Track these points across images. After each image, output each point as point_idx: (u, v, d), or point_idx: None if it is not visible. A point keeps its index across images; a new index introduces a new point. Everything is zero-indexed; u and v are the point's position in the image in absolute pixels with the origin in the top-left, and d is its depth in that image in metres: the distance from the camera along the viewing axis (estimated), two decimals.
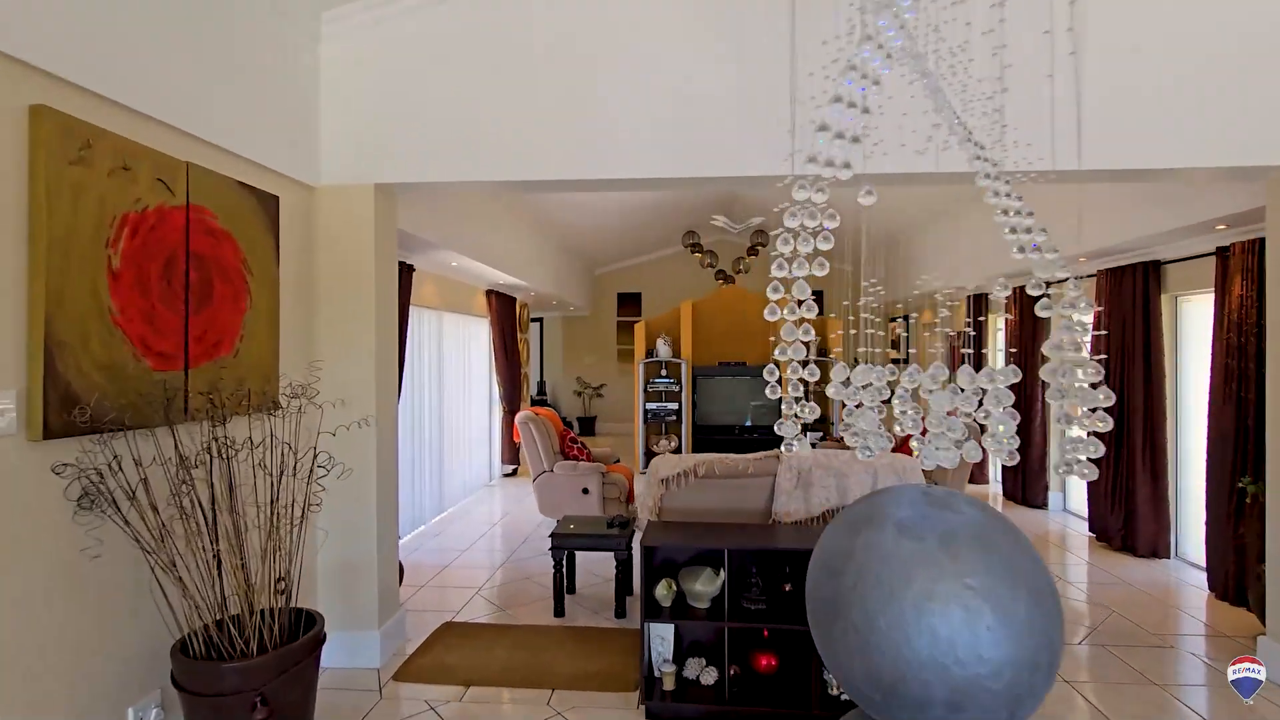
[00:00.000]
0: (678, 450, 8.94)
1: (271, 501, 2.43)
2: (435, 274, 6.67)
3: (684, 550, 3.39)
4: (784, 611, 3.11)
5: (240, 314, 2.85)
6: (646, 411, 8.95)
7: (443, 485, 6.74)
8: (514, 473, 8.80)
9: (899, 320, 11.99)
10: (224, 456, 2.35)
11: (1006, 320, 7.60)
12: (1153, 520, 5.41)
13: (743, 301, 9.51)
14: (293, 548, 2.46)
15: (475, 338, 7.80)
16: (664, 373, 9.10)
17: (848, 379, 1.80)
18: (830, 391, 1.83)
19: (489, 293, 8.04)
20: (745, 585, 3.21)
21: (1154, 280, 5.43)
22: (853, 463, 3.69)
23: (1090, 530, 6.04)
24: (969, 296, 8.65)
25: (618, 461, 7.02)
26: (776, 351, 1.81)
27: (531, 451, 6.21)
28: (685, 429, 8.84)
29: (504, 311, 8.27)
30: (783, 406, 1.90)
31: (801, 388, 1.92)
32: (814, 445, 8.12)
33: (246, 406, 2.66)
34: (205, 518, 2.29)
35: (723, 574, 3.14)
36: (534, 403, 12.38)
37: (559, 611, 4.16)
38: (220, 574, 2.31)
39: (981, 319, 8.45)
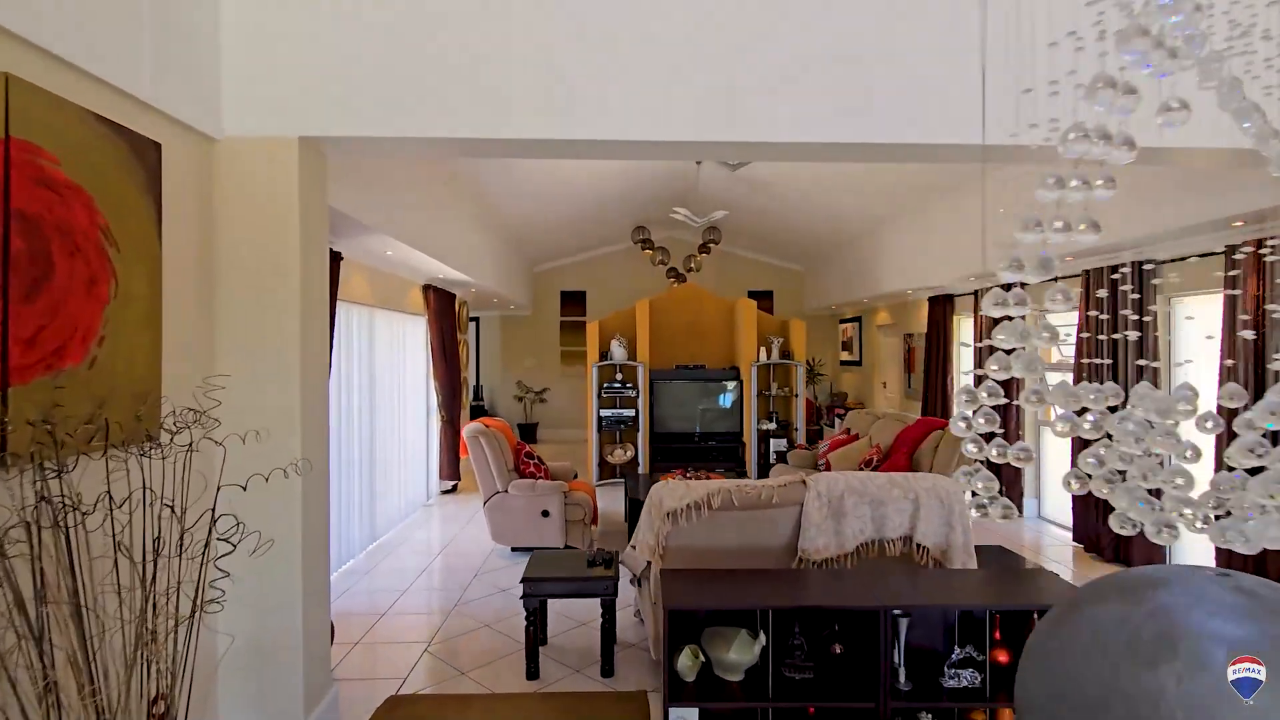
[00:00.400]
0: (634, 460, 8.28)
1: (143, 585, 1.60)
2: (367, 265, 5.75)
3: (710, 606, 2.73)
4: (836, 681, 2.49)
5: (99, 305, 1.98)
6: (601, 418, 8.24)
7: (374, 510, 5.83)
8: (454, 489, 7.90)
9: (850, 323, 11.76)
10: (62, 523, 1.51)
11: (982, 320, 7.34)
12: None
13: (700, 300, 8.95)
14: (176, 655, 1.65)
15: (411, 338, 6.89)
16: (619, 377, 8.41)
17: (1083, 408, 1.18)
18: (1059, 427, 1.20)
19: (427, 288, 7.14)
20: (786, 648, 2.58)
21: (1149, 281, 5.18)
22: (889, 487, 3.13)
23: (1076, 540, 5.78)
24: (937, 297, 8.39)
25: (576, 477, 6.29)
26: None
27: (482, 470, 5.40)
28: (642, 437, 8.19)
29: (443, 309, 7.38)
30: (968, 448, 1.27)
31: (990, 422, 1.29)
32: (781, 457, 7.62)
33: (104, 443, 1.80)
34: (29, 623, 1.45)
35: (761, 638, 2.50)
36: (473, 410, 11.42)
37: (532, 672, 3.42)
38: (59, 708, 1.47)
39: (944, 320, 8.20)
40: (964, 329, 8.11)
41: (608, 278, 12.34)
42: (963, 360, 8.12)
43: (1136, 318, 5.19)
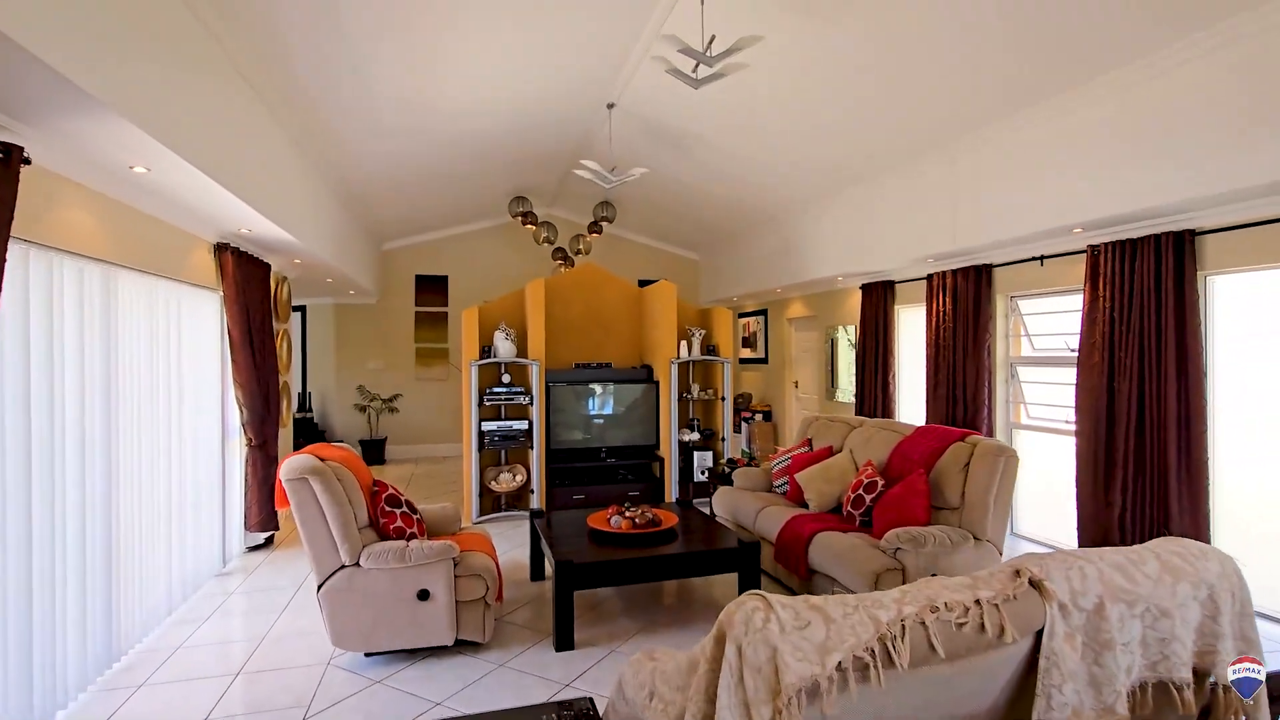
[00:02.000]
0: (527, 485, 6.38)
1: None
2: (99, 191, 3.41)
3: None
4: None
5: None
6: (484, 434, 6.25)
7: (118, 600, 3.49)
8: (268, 543, 5.54)
9: (753, 317, 10.63)
10: None
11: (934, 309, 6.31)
12: None
13: (602, 284, 7.24)
14: None
15: (193, 322, 4.52)
16: (506, 379, 6.48)
17: None
18: None
19: (224, 249, 4.78)
20: None
21: (1188, 255, 4.27)
22: (1167, 580, 1.64)
23: None
24: (872, 285, 7.34)
25: (461, 528, 4.33)
26: None
27: (316, 534, 3.31)
28: (537, 456, 6.32)
29: (250, 283, 5.04)
30: None
31: None
32: (724, 473, 6.11)
33: None
34: None
35: None
36: (296, 427, 8.81)
37: None
38: None
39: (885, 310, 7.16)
40: (907, 321, 7.12)
41: (476, 260, 10.24)
42: (902, 356, 7.13)
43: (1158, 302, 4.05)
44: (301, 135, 5.12)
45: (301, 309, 9.72)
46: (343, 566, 3.33)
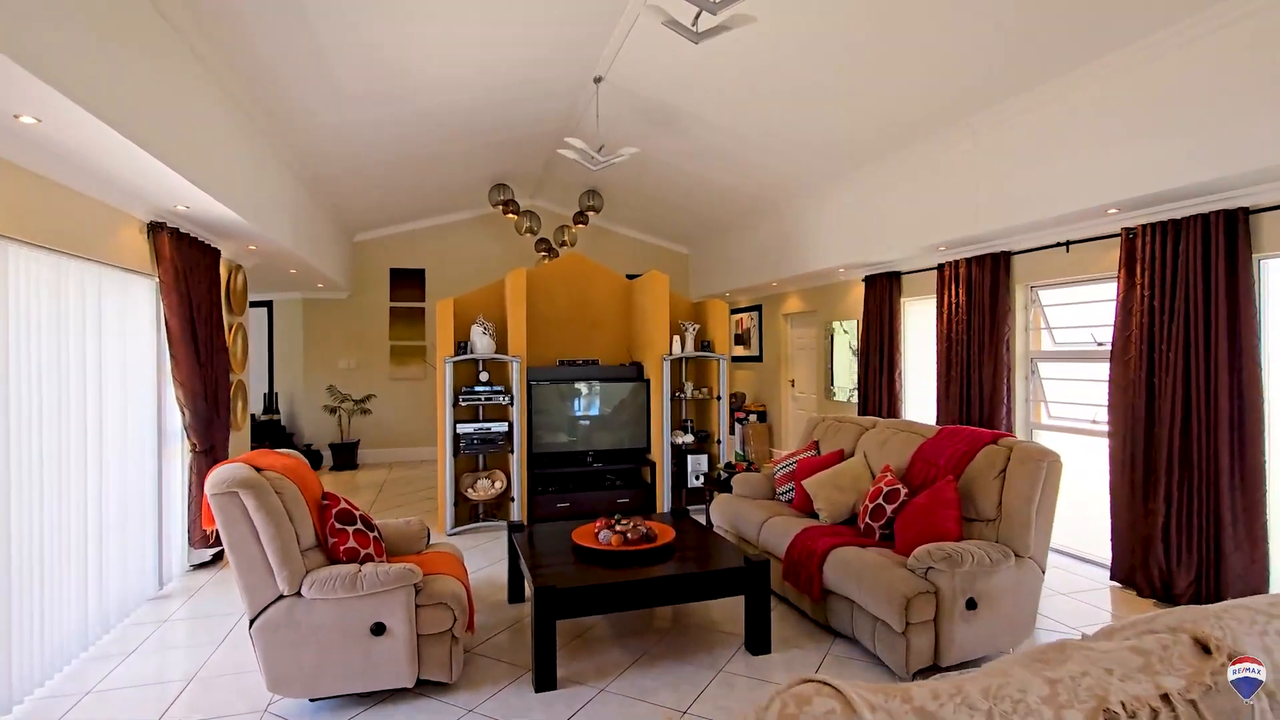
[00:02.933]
0: (506, 493, 5.86)
1: None
2: None
3: None
4: None
5: None
6: (459, 437, 5.72)
7: (15, 635, 2.94)
8: (218, 559, 4.98)
9: (747, 313, 10.17)
10: None
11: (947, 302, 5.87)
12: (1244, 568, 3.82)
13: (589, 275, 6.74)
14: None
15: (121, 310, 3.96)
16: (484, 377, 5.95)
17: None
18: None
19: (159, 228, 4.21)
20: None
21: (1241, 236, 3.84)
22: None
23: (1117, 579, 4.38)
24: (877, 276, 6.90)
25: (429, 544, 3.80)
26: None
27: (247, 559, 2.78)
28: (518, 461, 5.80)
29: (193, 269, 4.48)
30: None
31: None
32: (721, 478, 5.62)
33: None
34: None
35: None
36: (257, 431, 8.21)
37: None
38: None
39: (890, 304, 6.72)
40: (915, 315, 6.68)
41: (455, 253, 9.69)
42: (909, 353, 6.69)
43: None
44: (249, 101, 4.57)
45: (268, 304, 9.12)
46: (281, 597, 2.80)
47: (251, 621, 2.78)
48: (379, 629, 2.86)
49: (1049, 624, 3.74)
